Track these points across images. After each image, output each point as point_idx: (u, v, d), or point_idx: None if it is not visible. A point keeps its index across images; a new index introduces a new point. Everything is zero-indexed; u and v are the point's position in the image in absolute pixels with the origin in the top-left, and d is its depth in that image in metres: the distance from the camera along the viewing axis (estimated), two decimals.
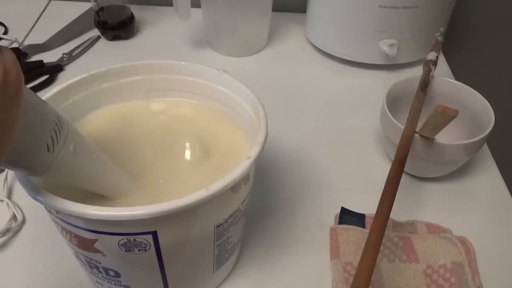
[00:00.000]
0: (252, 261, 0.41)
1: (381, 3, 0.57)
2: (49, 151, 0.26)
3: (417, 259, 0.40)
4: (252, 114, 0.36)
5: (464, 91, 0.49)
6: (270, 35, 0.70)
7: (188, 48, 0.68)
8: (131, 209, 0.26)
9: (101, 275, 0.33)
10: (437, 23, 0.60)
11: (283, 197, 0.47)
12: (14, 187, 0.46)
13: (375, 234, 0.33)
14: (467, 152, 0.44)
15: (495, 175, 0.50)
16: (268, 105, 0.36)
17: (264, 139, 0.31)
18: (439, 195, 0.47)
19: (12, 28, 0.71)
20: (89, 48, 0.68)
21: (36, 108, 0.25)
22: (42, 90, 0.59)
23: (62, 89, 0.36)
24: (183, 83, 0.40)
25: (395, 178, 0.37)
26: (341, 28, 0.62)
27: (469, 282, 0.38)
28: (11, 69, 0.21)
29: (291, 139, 0.53)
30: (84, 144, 0.30)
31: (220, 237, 0.33)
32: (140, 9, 0.75)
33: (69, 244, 0.32)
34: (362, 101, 0.59)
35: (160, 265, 0.31)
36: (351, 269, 0.39)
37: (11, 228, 0.42)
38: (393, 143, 0.45)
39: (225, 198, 0.30)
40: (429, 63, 0.50)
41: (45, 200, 0.27)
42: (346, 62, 0.65)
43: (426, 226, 0.43)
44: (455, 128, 0.45)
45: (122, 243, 0.28)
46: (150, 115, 0.40)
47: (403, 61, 0.63)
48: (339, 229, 0.42)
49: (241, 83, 0.37)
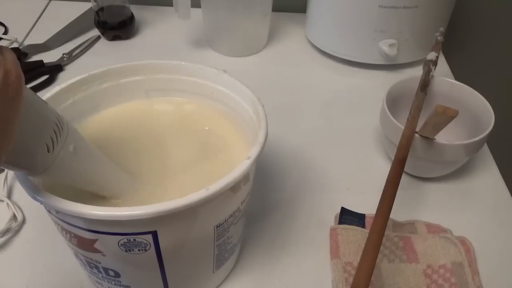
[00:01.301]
0: (252, 261, 0.41)
1: (381, 3, 0.57)
2: (49, 152, 0.26)
3: (417, 259, 0.40)
4: (252, 114, 0.36)
5: (464, 91, 0.49)
6: (270, 35, 0.70)
7: (188, 48, 0.68)
8: (131, 209, 0.26)
9: (101, 275, 0.33)
10: (437, 23, 0.60)
11: (283, 197, 0.46)
12: (14, 187, 0.46)
13: (375, 234, 0.33)
14: (467, 152, 0.44)
15: (495, 175, 0.50)
16: (268, 105, 0.36)
17: (264, 139, 0.31)
18: (439, 195, 0.47)
19: (12, 28, 0.71)
20: (89, 48, 0.68)
21: (36, 109, 0.25)
22: (42, 90, 0.59)
23: (62, 89, 0.35)
24: (183, 83, 0.40)
25: (395, 178, 0.37)
26: (341, 28, 0.62)
27: (469, 282, 0.38)
28: (12, 70, 0.21)
29: (291, 139, 0.53)
30: (84, 145, 0.30)
31: (220, 237, 0.33)
32: (140, 9, 0.75)
33: (69, 244, 0.32)
34: (362, 101, 0.59)
35: (160, 265, 0.31)
36: (351, 269, 0.39)
37: (11, 228, 0.42)
38: (393, 143, 0.45)
39: (225, 198, 0.30)
40: (429, 63, 0.50)
41: (45, 200, 0.27)
42: (346, 62, 0.65)
43: (426, 226, 0.43)
44: (455, 128, 0.45)
45: (122, 243, 0.28)
46: (150, 115, 0.40)
47: (403, 61, 0.63)
48: (339, 229, 0.42)
49: (241, 83, 0.37)
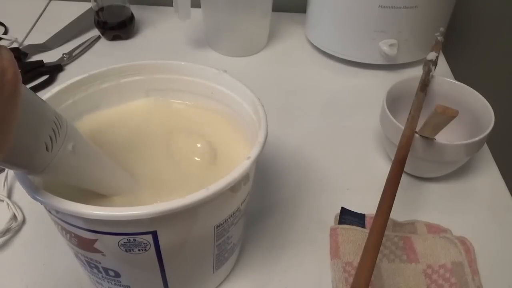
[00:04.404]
0: (252, 261, 0.41)
1: (381, 3, 0.57)
2: (47, 150, 0.26)
3: (417, 259, 0.40)
4: (252, 114, 0.36)
5: (464, 91, 0.49)
6: (270, 35, 0.70)
7: (188, 48, 0.68)
8: (131, 209, 0.26)
9: (101, 275, 0.33)
10: (437, 23, 0.60)
11: (283, 197, 0.46)
12: (14, 187, 0.46)
13: (375, 234, 0.33)
14: (467, 152, 0.44)
15: (495, 175, 0.50)
16: (268, 105, 0.36)
17: (264, 139, 0.31)
18: (439, 195, 0.47)
19: (12, 28, 0.71)
20: (89, 48, 0.68)
21: (34, 107, 0.25)
22: (42, 90, 0.59)
23: (62, 89, 0.35)
24: (183, 83, 0.40)
25: (395, 178, 0.37)
26: (341, 28, 0.62)
27: (469, 282, 0.38)
28: (9, 68, 0.21)
29: (291, 139, 0.53)
30: (83, 144, 0.30)
31: (220, 237, 0.33)
32: (140, 9, 0.75)
33: (69, 244, 0.32)
34: (362, 101, 0.59)
35: (160, 265, 0.31)
36: (351, 269, 0.39)
37: (11, 228, 0.42)
38: (393, 143, 0.45)
39: (225, 198, 0.30)
40: (429, 63, 0.50)
41: (45, 200, 0.27)
42: (346, 62, 0.65)
43: (426, 226, 0.43)
44: (455, 128, 0.45)
45: (122, 243, 0.28)
46: (150, 115, 0.40)
47: (403, 61, 0.63)
48: (339, 229, 0.42)
49: (241, 83, 0.37)
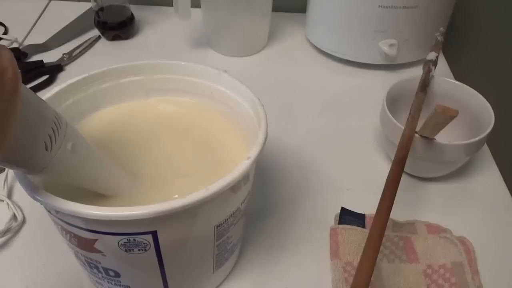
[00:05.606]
0: (252, 261, 0.41)
1: (381, 3, 0.57)
2: (47, 150, 0.25)
3: (417, 259, 0.40)
4: (252, 114, 0.36)
5: (464, 91, 0.49)
6: (270, 35, 0.70)
7: (188, 48, 0.68)
8: (131, 209, 0.26)
9: (101, 275, 0.33)
10: (437, 23, 0.60)
11: (283, 197, 0.46)
12: (14, 187, 0.46)
13: (375, 234, 0.33)
14: (467, 152, 0.44)
15: (495, 175, 0.50)
16: (268, 105, 0.36)
17: (264, 139, 0.31)
18: (439, 195, 0.47)
19: (12, 28, 0.71)
20: (89, 48, 0.67)
21: (34, 107, 0.25)
22: (42, 90, 0.59)
23: (62, 89, 0.35)
24: (183, 83, 0.40)
25: (395, 178, 0.37)
26: (341, 28, 0.62)
27: (469, 282, 0.38)
28: (8, 68, 0.21)
29: (291, 139, 0.53)
30: (83, 143, 0.30)
31: (220, 237, 0.33)
32: (140, 9, 0.75)
33: (69, 244, 0.32)
34: (362, 101, 0.59)
35: (160, 265, 0.31)
36: (351, 269, 0.39)
37: (11, 228, 0.42)
38: (393, 143, 0.45)
39: (225, 198, 0.30)
40: (429, 63, 0.50)
41: (45, 200, 0.27)
42: (346, 62, 0.65)
43: (426, 226, 0.43)
44: (455, 128, 0.45)
45: (122, 243, 0.28)
46: (150, 115, 0.40)
47: (403, 61, 0.63)
48: (339, 229, 0.42)
49: (241, 83, 0.37)
